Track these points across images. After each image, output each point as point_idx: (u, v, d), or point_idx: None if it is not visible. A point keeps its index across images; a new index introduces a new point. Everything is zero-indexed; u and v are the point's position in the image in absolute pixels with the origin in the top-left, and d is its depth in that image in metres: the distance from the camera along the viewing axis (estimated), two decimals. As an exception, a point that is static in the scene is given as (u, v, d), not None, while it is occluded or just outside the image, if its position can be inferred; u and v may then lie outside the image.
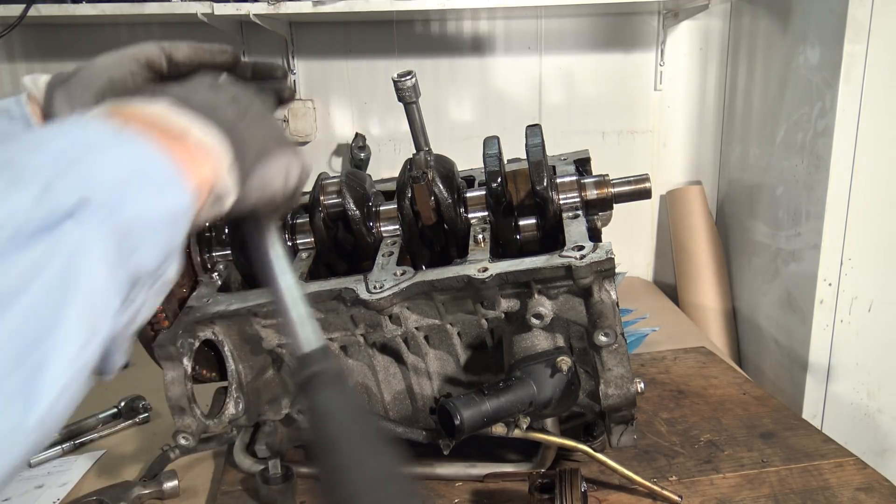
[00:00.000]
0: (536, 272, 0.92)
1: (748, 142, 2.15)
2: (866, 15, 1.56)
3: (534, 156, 1.09)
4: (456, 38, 2.28)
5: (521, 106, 2.33)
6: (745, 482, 1.05)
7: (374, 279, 0.99)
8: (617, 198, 1.13)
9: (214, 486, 1.13)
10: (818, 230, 1.70)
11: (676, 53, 2.31)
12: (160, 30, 2.23)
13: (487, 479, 1.08)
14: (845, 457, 1.11)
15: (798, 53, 1.79)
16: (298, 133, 2.26)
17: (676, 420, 1.26)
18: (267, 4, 1.88)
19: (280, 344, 1.06)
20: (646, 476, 1.02)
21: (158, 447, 1.19)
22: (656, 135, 2.38)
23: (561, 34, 2.28)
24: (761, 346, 2.06)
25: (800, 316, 1.81)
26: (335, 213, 1.15)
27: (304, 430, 1.13)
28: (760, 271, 2.06)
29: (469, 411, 0.87)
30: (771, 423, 1.23)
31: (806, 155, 1.76)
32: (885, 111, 1.61)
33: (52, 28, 2.19)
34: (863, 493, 1.01)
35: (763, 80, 2.03)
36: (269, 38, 2.21)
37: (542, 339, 0.97)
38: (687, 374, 1.46)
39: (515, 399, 0.90)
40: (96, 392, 1.53)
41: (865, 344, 1.76)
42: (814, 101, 1.71)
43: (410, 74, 1.02)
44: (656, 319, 1.88)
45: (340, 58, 2.27)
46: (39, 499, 1.12)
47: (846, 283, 1.72)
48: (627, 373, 0.94)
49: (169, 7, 1.90)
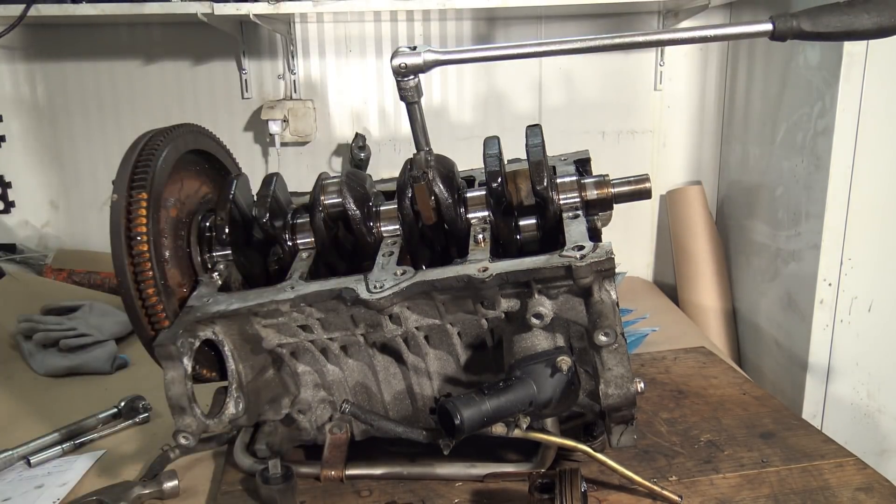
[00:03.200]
0: (536, 272, 0.92)
1: (748, 142, 2.15)
2: (866, 15, 1.57)
3: (534, 156, 1.09)
4: (456, 38, 2.28)
5: (521, 106, 2.33)
6: (745, 482, 1.05)
7: (375, 279, 0.99)
8: (617, 198, 1.13)
9: (214, 486, 1.13)
10: (818, 230, 1.70)
11: (676, 53, 2.31)
12: (160, 30, 2.23)
13: (487, 479, 1.08)
14: (845, 457, 1.11)
15: (798, 53, 1.79)
16: (298, 133, 2.26)
17: (676, 420, 1.26)
18: (267, 4, 1.88)
19: (280, 344, 1.06)
20: (646, 476, 1.02)
21: (158, 447, 1.19)
22: (656, 135, 2.38)
23: (561, 34, 2.28)
24: (761, 346, 2.06)
25: (800, 316, 1.81)
26: (335, 213, 1.15)
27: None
28: (760, 271, 2.06)
29: (469, 411, 0.87)
30: (771, 424, 1.23)
31: (806, 155, 1.77)
32: (885, 111, 1.61)
33: (52, 28, 2.19)
34: (863, 493, 1.01)
35: (763, 80, 2.03)
36: (268, 38, 2.21)
37: (542, 338, 0.97)
38: (687, 374, 1.46)
39: (515, 399, 0.90)
40: (96, 392, 1.54)
41: (865, 344, 1.76)
42: (814, 101, 1.72)
43: (413, 74, 1.02)
44: (656, 319, 1.88)
45: (340, 58, 2.27)
46: (39, 499, 1.12)
47: (846, 283, 1.72)
48: (627, 373, 0.94)
49: (169, 7, 1.90)
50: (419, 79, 1.01)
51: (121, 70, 2.25)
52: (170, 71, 2.26)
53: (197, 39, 2.22)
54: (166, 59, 2.26)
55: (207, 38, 2.20)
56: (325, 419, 1.13)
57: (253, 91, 2.29)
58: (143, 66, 2.26)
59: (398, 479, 1.09)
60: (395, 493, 1.06)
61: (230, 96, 2.29)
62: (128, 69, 2.25)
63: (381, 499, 1.04)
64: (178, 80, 2.27)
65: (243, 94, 2.28)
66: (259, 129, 2.30)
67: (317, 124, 2.30)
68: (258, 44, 2.23)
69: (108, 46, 2.23)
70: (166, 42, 2.24)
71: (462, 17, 2.25)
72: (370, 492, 1.06)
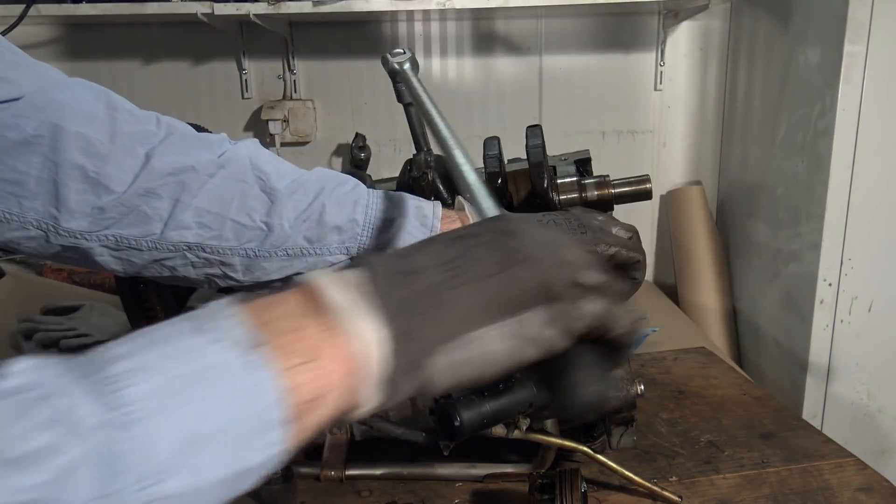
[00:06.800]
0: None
1: (748, 142, 2.15)
2: (866, 15, 1.56)
3: (534, 157, 1.09)
4: (456, 38, 2.28)
5: (521, 106, 2.33)
6: (745, 482, 1.05)
7: (375, 280, 0.99)
8: (617, 198, 1.13)
9: (214, 487, 1.13)
10: (818, 230, 1.70)
11: (676, 53, 2.31)
12: (160, 30, 2.23)
13: (487, 479, 1.08)
14: (845, 457, 1.11)
15: (798, 53, 1.79)
16: (298, 133, 2.26)
17: (676, 420, 1.26)
18: (267, 4, 1.88)
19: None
20: (646, 477, 1.02)
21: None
22: (656, 135, 2.38)
23: (561, 34, 2.28)
24: (761, 346, 2.06)
25: (800, 316, 1.81)
26: (335, 213, 1.14)
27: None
28: (760, 271, 2.06)
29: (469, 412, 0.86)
30: (771, 424, 1.23)
31: (806, 155, 1.76)
32: (885, 111, 1.61)
33: (52, 28, 2.19)
34: (863, 493, 1.01)
35: (763, 80, 2.03)
36: (269, 38, 2.21)
37: (542, 339, 0.97)
38: (687, 374, 1.46)
39: (515, 400, 0.90)
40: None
41: (865, 344, 1.76)
42: (814, 101, 1.71)
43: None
44: (656, 319, 1.88)
45: (340, 58, 2.27)
46: (39, 499, 1.12)
47: (846, 283, 1.72)
48: (627, 375, 0.94)
49: (169, 7, 1.90)
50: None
51: (121, 70, 2.25)
52: (170, 71, 2.26)
53: (197, 39, 2.22)
54: (166, 59, 2.26)
55: (207, 38, 2.20)
56: (325, 420, 1.13)
57: (253, 91, 2.29)
58: (143, 66, 2.26)
59: (398, 479, 1.09)
60: (395, 493, 1.06)
61: (230, 96, 2.29)
62: (128, 69, 2.25)
63: (381, 499, 1.04)
64: (178, 80, 2.27)
65: (243, 94, 2.28)
66: (259, 129, 2.30)
67: (317, 124, 2.30)
68: (258, 44, 2.23)
69: (108, 46, 2.23)
70: (166, 42, 2.24)
71: (462, 17, 2.25)
72: (370, 492, 1.06)
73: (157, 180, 0.77)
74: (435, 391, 0.46)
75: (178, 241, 0.78)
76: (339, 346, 0.42)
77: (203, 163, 0.79)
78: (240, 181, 0.81)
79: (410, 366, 0.44)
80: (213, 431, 0.36)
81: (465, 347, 0.45)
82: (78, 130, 0.72)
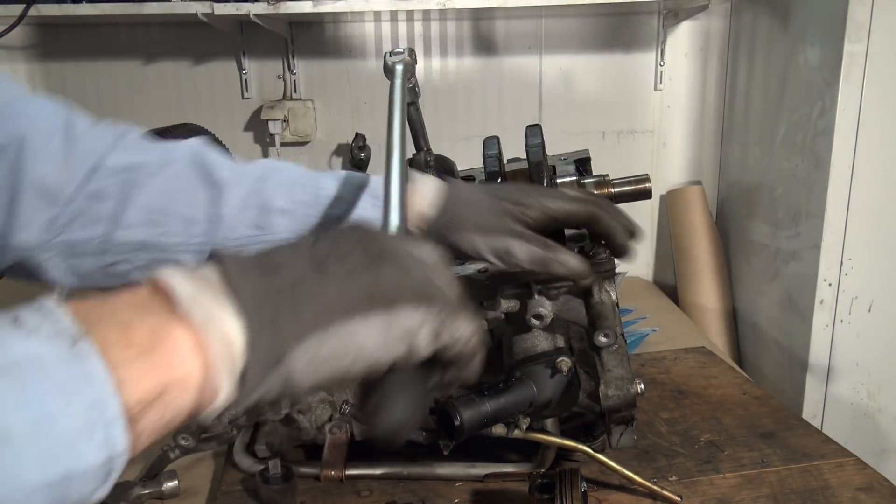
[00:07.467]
0: (536, 272, 0.92)
1: (748, 142, 2.15)
2: (866, 15, 1.56)
3: (534, 156, 1.09)
4: (456, 38, 2.28)
5: (521, 106, 2.33)
6: (745, 482, 1.05)
7: (374, 279, 0.99)
8: (617, 198, 1.13)
9: (214, 486, 1.13)
10: (818, 230, 1.70)
11: (676, 53, 2.31)
12: (160, 30, 2.23)
13: (487, 479, 1.08)
14: (845, 457, 1.11)
15: (798, 53, 1.79)
16: (298, 133, 2.26)
17: (676, 420, 1.26)
18: (267, 4, 1.88)
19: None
20: (646, 476, 1.02)
21: (158, 447, 1.19)
22: (656, 135, 2.38)
23: (561, 34, 2.28)
24: (761, 346, 2.06)
25: (800, 316, 1.81)
26: (335, 213, 1.14)
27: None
28: (760, 271, 2.06)
29: (469, 412, 0.87)
30: (771, 424, 1.23)
31: (806, 155, 1.76)
32: (885, 111, 1.61)
33: (52, 28, 2.19)
34: (863, 493, 1.01)
35: (763, 80, 2.03)
36: (269, 38, 2.21)
37: (542, 339, 0.97)
38: (687, 374, 1.46)
39: (515, 400, 0.90)
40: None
41: (865, 344, 1.76)
42: (814, 101, 1.71)
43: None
44: (656, 319, 1.88)
45: (340, 58, 2.27)
46: (39, 499, 1.12)
47: (846, 283, 1.72)
48: (627, 374, 0.94)
49: (169, 7, 1.90)
50: (416, 80, 1.02)
51: (121, 70, 2.25)
52: (170, 71, 2.26)
53: (197, 39, 2.22)
54: (166, 59, 2.26)
55: (207, 38, 2.20)
56: (325, 419, 1.13)
57: (253, 91, 2.29)
58: (143, 66, 2.26)
59: (398, 479, 1.09)
60: (395, 493, 1.06)
61: (230, 96, 2.29)
62: (128, 69, 2.25)
63: (381, 499, 1.04)
64: (178, 80, 2.27)
65: (243, 94, 2.28)
66: (259, 129, 2.30)
67: (317, 124, 2.30)
68: (258, 44, 2.23)
69: (108, 46, 2.23)
70: (166, 42, 2.24)
71: (462, 17, 2.25)
72: (370, 492, 1.06)
73: (104, 181, 0.77)
74: (300, 388, 0.44)
75: (126, 240, 0.79)
76: (183, 337, 0.40)
77: (148, 160, 0.80)
78: (184, 176, 0.81)
79: (268, 358, 0.41)
80: (23, 429, 0.33)
81: (331, 341, 0.43)
82: (40, 144, 0.72)
